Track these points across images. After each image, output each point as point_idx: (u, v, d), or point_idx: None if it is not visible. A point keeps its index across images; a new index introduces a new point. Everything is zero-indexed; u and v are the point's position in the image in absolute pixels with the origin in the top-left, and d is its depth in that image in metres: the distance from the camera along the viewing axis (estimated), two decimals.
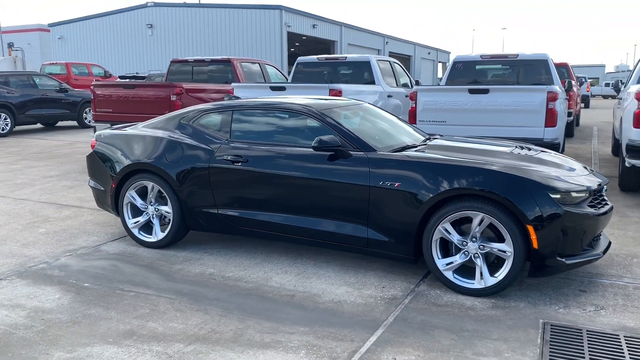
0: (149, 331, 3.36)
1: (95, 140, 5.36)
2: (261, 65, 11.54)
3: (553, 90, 6.86)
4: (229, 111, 4.89)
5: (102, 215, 6.21)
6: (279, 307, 3.74)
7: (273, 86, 8.20)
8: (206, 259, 4.71)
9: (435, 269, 4.00)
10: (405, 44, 51.04)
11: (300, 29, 34.73)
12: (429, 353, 3.10)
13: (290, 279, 4.24)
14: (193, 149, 4.78)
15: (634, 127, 6.59)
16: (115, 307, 3.72)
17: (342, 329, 3.40)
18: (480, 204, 3.80)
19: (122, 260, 4.70)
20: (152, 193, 4.95)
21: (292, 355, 3.06)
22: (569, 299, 3.87)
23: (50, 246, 5.08)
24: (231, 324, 3.46)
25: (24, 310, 3.66)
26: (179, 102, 8.84)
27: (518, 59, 8.91)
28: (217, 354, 3.08)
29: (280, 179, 4.42)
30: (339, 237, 4.28)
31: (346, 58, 9.88)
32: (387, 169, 4.09)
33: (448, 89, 7.37)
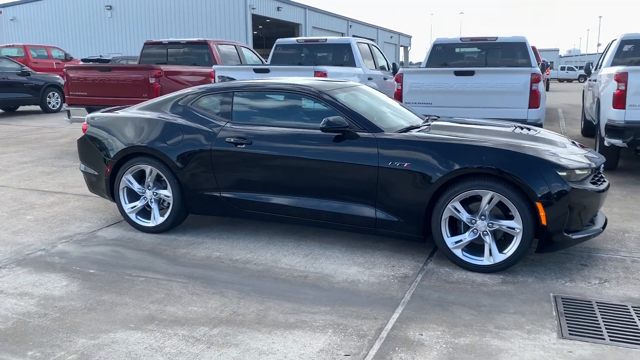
0: (170, 315, 3.31)
1: (87, 124, 5.19)
2: (237, 47, 11.37)
3: (537, 72, 7.01)
4: (230, 93, 4.81)
5: (89, 201, 6.05)
6: (294, 287, 3.74)
7: (257, 68, 8.10)
8: (209, 243, 4.66)
9: (445, 247, 4.06)
10: (368, 27, 51.09)
11: (265, 12, 34.32)
12: (452, 328, 3.16)
13: (300, 261, 4.24)
14: (194, 132, 4.70)
15: (613, 107, 6.81)
16: (128, 292, 3.65)
17: (362, 308, 3.43)
18: (490, 182, 3.87)
19: (123, 245, 4.60)
20: (150, 177, 4.85)
21: (320, 335, 3.08)
22: (573, 273, 4.00)
23: (43, 233, 4.93)
24: (251, 306, 3.44)
25: (33, 299, 3.54)
26: (157, 84, 8.64)
27: (497, 42, 9.06)
28: (245, 335, 3.07)
29: (286, 161, 4.39)
30: (346, 218, 4.30)
31: (326, 40, 9.82)
32: (395, 150, 4.12)
33: (434, 71, 7.44)
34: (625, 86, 6.64)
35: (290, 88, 4.64)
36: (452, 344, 2.98)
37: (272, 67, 8.00)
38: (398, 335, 3.07)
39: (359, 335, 3.07)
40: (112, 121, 5.03)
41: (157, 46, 11.09)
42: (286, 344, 2.97)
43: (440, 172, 3.95)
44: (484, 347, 2.95)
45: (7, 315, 3.30)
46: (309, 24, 39.57)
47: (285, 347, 2.93)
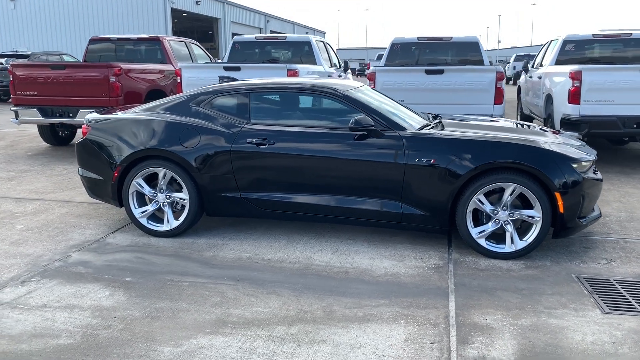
0: (239, 318, 3.32)
1: (88, 127, 4.97)
2: (187, 44, 11.12)
3: (500, 70, 7.51)
4: (246, 93, 4.80)
5: (76, 208, 5.78)
6: (342, 283, 3.85)
7: (227, 66, 8.02)
8: (231, 244, 4.65)
9: (470, 238, 4.34)
10: (285, 23, 51.18)
11: (184, 5, 33.45)
12: (509, 311, 3.43)
13: (331, 257, 4.35)
14: (211, 133, 4.65)
15: (568, 103, 7.44)
16: (181, 298, 3.60)
17: (417, 298, 3.61)
18: (513, 175, 4.19)
19: (143, 251, 4.48)
20: (163, 180, 4.74)
21: (395, 326, 3.23)
22: (581, 255, 4.41)
23: (47, 243, 4.68)
24: (313, 303, 3.52)
25: (84, 310, 3.41)
26: (118, 83, 8.32)
27: (451, 42, 9.55)
28: (325, 331, 3.16)
29: (310, 160, 4.47)
30: (373, 214, 4.46)
31: (286, 38, 9.87)
32: (421, 147, 4.33)
33: (406, 69, 7.76)
34: (580, 83, 7.27)
35: (310, 88, 4.71)
36: (517, 326, 3.24)
37: (243, 65, 7.96)
38: (466, 322, 3.29)
39: (432, 324, 3.25)
40: (119, 124, 4.86)
41: (103, 42, 10.60)
42: (370, 337, 3.09)
43: (467, 167, 4.21)
44: (546, 326, 3.23)
45: (70, 330, 3.17)
46: (228, 19, 39.03)
47: (371, 340, 3.06)
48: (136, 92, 8.79)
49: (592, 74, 7.22)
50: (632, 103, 7.20)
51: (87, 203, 5.96)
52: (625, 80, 7.16)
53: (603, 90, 7.22)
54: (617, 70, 7.25)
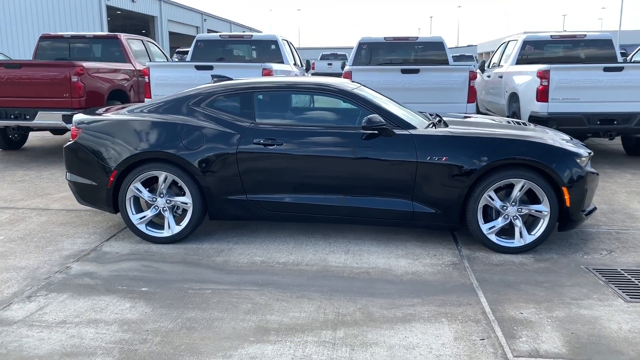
0: (279, 324, 3.21)
1: (77, 129, 4.67)
2: (144, 42, 10.70)
3: (473, 70, 7.71)
4: (249, 92, 4.66)
5: (56, 216, 5.42)
6: (368, 284, 3.81)
7: (199, 65, 7.79)
8: (239, 249, 4.50)
9: (480, 234, 4.41)
10: (222, 22, 50.43)
11: (119, 3, 32.24)
12: (539, 304, 3.50)
13: (346, 258, 4.30)
14: (215, 134, 4.49)
15: (537, 101, 7.73)
16: (209, 306, 3.44)
17: (447, 296, 3.63)
18: (522, 171, 4.29)
19: (148, 259, 4.26)
20: (164, 184, 4.53)
21: (439, 324, 3.22)
22: (582, 247, 4.59)
23: (38, 254, 4.36)
24: (348, 305, 3.46)
25: (111, 325, 3.19)
26: (80, 83, 7.89)
27: (417, 41, 9.70)
28: (373, 333, 3.11)
29: (320, 160, 4.40)
30: (383, 213, 4.45)
31: (252, 36, 9.70)
32: (433, 145, 4.36)
33: (382, 69, 7.81)
34: (547, 82, 7.58)
35: (318, 87, 4.64)
36: (553, 318, 3.31)
37: (215, 64, 7.75)
38: (504, 317, 3.33)
39: (473, 321, 3.27)
40: (115, 125, 4.59)
41: (55, 40, 10.01)
42: (419, 337, 3.07)
43: (480, 164, 4.27)
44: (579, 317, 3.33)
45: (104, 346, 2.95)
46: (165, 17, 37.99)
47: (422, 340, 3.04)
48: (98, 93, 8.37)
49: (560, 73, 7.54)
50: (596, 101, 7.58)
51: (65, 210, 5.60)
52: (590, 79, 7.52)
53: (569, 88, 7.55)
54: (582, 69, 7.60)
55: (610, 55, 9.47)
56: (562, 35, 9.66)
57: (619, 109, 7.57)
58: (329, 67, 28.62)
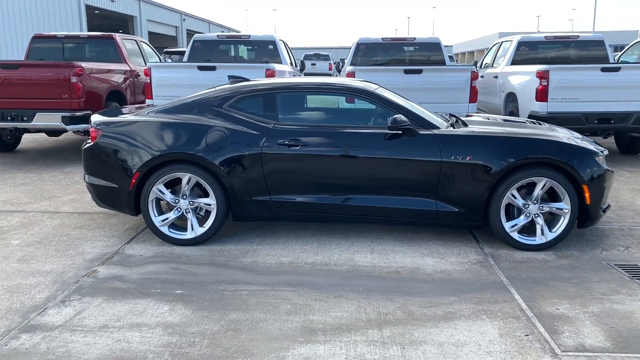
0: (324, 324, 3.22)
1: (97, 130, 4.60)
2: (137, 42, 10.58)
3: (475, 70, 7.80)
4: (272, 93, 4.65)
5: (69, 219, 5.34)
6: (401, 283, 3.84)
7: (202, 66, 7.73)
8: (264, 249, 4.49)
9: (503, 232, 4.47)
10: (201, 22, 50.06)
11: (98, 2, 31.76)
12: (572, 300, 3.58)
13: (373, 257, 4.33)
14: (239, 135, 4.47)
15: (536, 100, 7.86)
16: (249, 308, 3.43)
17: (482, 293, 3.68)
18: (544, 170, 4.37)
19: (175, 261, 4.23)
20: (187, 186, 4.49)
21: (481, 322, 3.27)
22: (598, 243, 4.69)
23: (60, 258, 4.29)
24: (386, 305, 3.49)
25: (154, 328, 3.16)
26: (80, 84, 7.77)
27: (415, 42, 9.78)
28: (419, 332, 3.14)
29: (346, 161, 4.42)
30: (408, 212, 4.48)
31: (249, 37, 9.66)
32: (457, 145, 4.41)
33: (385, 69, 7.85)
34: (547, 82, 7.71)
35: (341, 88, 4.65)
36: (590, 313, 3.38)
37: (218, 65, 7.71)
38: (542, 313, 3.39)
39: (513, 317, 3.33)
40: (137, 126, 4.54)
41: (49, 40, 9.83)
42: (465, 334, 3.11)
43: (503, 163, 4.33)
44: (614, 311, 3.41)
45: (154, 350, 2.93)
46: (144, 17, 37.55)
47: (468, 337, 3.08)
48: (97, 94, 8.25)
49: (559, 74, 7.68)
50: (593, 100, 7.74)
51: (77, 213, 5.52)
52: (588, 79, 7.68)
53: (568, 88, 7.70)
54: (580, 70, 7.76)
55: (603, 55, 9.68)
56: (556, 36, 9.84)
57: (616, 109, 7.75)
58: (312, 68, 28.60)
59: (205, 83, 7.64)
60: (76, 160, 8.34)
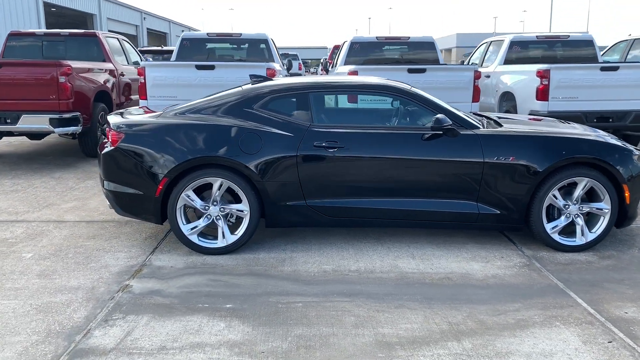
0: (398, 338, 3.04)
1: (119, 133, 4.28)
2: (120, 40, 10.13)
3: (477, 69, 7.76)
4: (305, 93, 4.43)
5: (77, 228, 4.98)
6: (457, 290, 3.70)
7: (200, 65, 7.42)
8: (301, 257, 4.27)
9: (544, 233, 4.38)
10: (161, 20, 48.99)
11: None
12: (636, 302, 3.51)
13: (417, 263, 4.17)
14: (274, 137, 4.24)
15: (537, 99, 7.89)
16: (312, 322, 3.22)
17: (543, 298, 3.57)
18: (585, 169, 4.30)
19: (211, 272, 3.97)
20: (218, 191, 4.23)
21: (557, 329, 3.15)
22: (632, 242, 4.66)
23: (84, 272, 3.96)
24: (453, 314, 3.33)
25: (218, 348, 2.91)
26: (68, 84, 7.34)
27: (409, 41, 9.70)
28: (500, 342, 2.99)
29: (384, 163, 4.25)
30: (449, 215, 4.35)
31: (241, 35, 9.36)
32: (499, 145, 4.30)
33: (389, 68, 7.73)
34: (548, 81, 7.74)
35: (377, 87, 4.47)
36: None
37: (217, 64, 7.41)
38: (612, 317, 3.30)
39: (587, 323, 3.22)
40: (164, 129, 4.24)
41: (26, 38, 9.27)
42: (548, 343, 2.99)
43: (547, 163, 4.24)
44: None
45: None
46: (104, 15, 36.42)
47: (553, 346, 2.96)
48: (85, 94, 7.82)
49: (559, 73, 7.72)
50: (593, 99, 7.81)
51: (85, 222, 5.16)
52: (588, 79, 7.75)
53: (569, 87, 7.75)
54: (580, 69, 7.82)
55: (592, 55, 9.83)
56: (547, 35, 9.93)
57: (615, 107, 7.84)
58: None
59: (204, 83, 7.35)
60: (63, 165, 7.89)
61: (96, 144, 8.13)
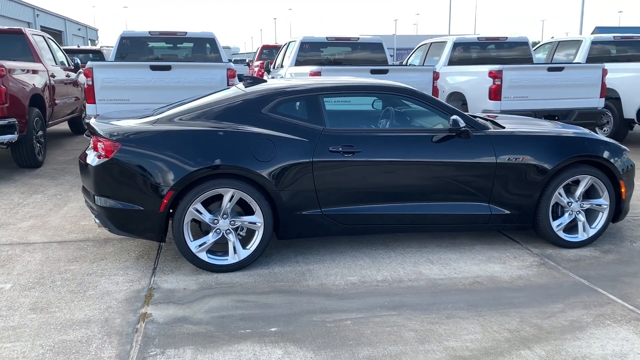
0: (470, 350, 2.91)
1: (115, 142, 3.80)
2: (45, 38, 9.21)
3: (437, 70, 7.86)
4: (315, 95, 4.18)
5: (48, 250, 4.41)
6: (494, 294, 3.64)
7: (155, 65, 6.89)
8: (319, 270, 4.03)
9: (551, 231, 4.45)
10: (56, 18, 45.77)
11: None
12: None
13: (439, 268, 4.08)
14: (288, 143, 3.96)
15: (490, 99, 8.13)
16: (372, 341, 3.01)
17: (579, 297, 3.60)
18: (588, 167, 4.42)
19: (233, 292, 3.63)
20: (229, 203, 3.89)
21: (612, 328, 3.16)
22: (622, 236, 4.87)
23: (86, 302, 3.48)
24: (507, 321, 3.26)
25: None
26: (2, 87, 6.54)
27: (358, 42, 9.66)
28: (568, 345, 2.96)
29: (403, 167, 4.12)
30: (463, 218, 4.30)
31: (186, 34, 8.83)
32: (509, 145, 4.31)
33: (352, 69, 7.61)
34: (501, 81, 8.00)
35: (388, 89, 4.32)
36: None
37: (174, 64, 6.93)
38: None
39: (635, 319, 3.28)
40: (168, 137, 3.82)
41: None
42: (613, 343, 2.99)
43: (554, 163, 4.31)
44: None
45: None
46: None
47: (619, 346, 2.96)
48: (20, 99, 7.00)
49: (511, 73, 8.00)
50: (541, 98, 8.19)
51: (56, 243, 4.58)
52: (536, 78, 8.11)
53: (519, 87, 8.06)
54: (529, 69, 8.16)
55: (527, 55, 10.32)
56: (487, 37, 10.29)
57: (560, 106, 8.27)
58: None
59: (160, 84, 6.86)
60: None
61: (33, 154, 7.32)
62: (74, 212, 5.49)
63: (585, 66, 8.60)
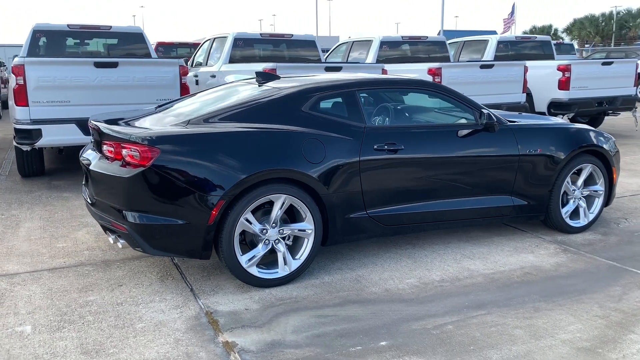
0: (588, 341, 2.93)
1: (153, 149, 3.25)
2: None
3: (384, 67, 7.93)
4: (352, 91, 3.95)
5: (48, 280, 3.71)
6: (553, 283, 3.71)
7: (99, 62, 6.12)
8: (367, 275, 3.83)
9: (561, 218, 4.67)
10: None
11: None
12: None
13: (482, 263, 4.08)
14: (335, 142, 3.70)
15: None
16: (488, 343, 2.90)
17: (626, 279, 3.79)
18: (588, 157, 4.71)
19: (307, 308, 3.31)
20: (280, 210, 3.54)
21: None
22: (610, 218, 5.26)
23: (142, 338, 2.95)
24: (588, 308, 3.33)
25: None
26: None
27: (292, 39, 9.38)
28: None
29: (440, 163, 4.06)
30: (491, 211, 4.36)
31: (111, 28, 7.93)
32: (528, 138, 4.44)
33: (306, 66, 7.37)
34: (440, 79, 8.28)
35: (420, 84, 4.22)
36: None
37: (121, 61, 6.21)
38: None
39: None
40: (210, 141, 3.36)
41: None
42: None
43: (564, 154, 4.52)
44: None
45: None
46: None
47: None
48: None
49: (449, 71, 8.31)
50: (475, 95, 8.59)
51: (47, 271, 3.86)
52: (468, 75, 8.50)
53: (457, 85, 8.40)
54: (464, 66, 8.54)
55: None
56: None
57: (492, 101, 8.75)
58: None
59: (105, 83, 6.13)
60: None
61: None
62: (37, 233, 4.68)
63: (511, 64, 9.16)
